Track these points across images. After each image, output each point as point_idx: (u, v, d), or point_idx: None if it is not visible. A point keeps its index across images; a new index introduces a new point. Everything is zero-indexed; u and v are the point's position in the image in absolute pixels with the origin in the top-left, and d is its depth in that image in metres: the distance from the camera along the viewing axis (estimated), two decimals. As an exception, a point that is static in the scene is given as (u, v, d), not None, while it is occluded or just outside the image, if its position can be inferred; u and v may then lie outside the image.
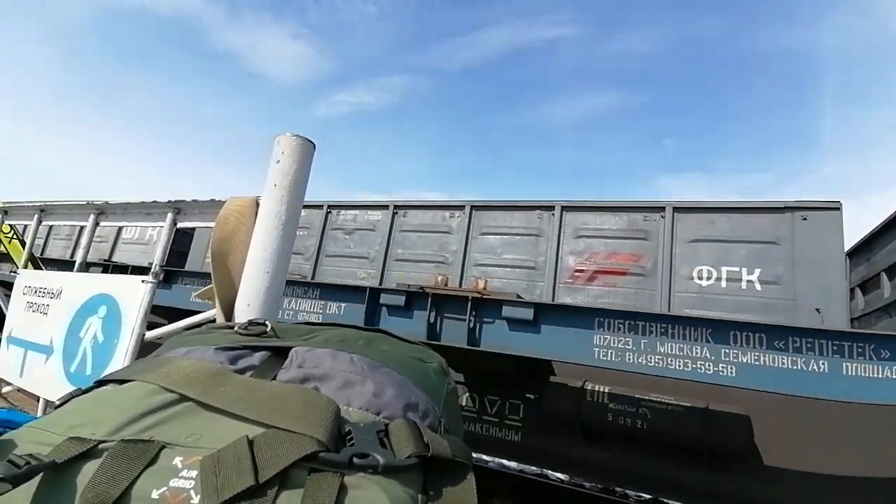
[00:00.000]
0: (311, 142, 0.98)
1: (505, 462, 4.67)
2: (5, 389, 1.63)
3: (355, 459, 0.38)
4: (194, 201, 1.03)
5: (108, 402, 0.49)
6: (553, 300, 3.39)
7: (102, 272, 4.20)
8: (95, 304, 1.07)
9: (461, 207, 4.22)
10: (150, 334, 1.00)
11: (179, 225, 1.09)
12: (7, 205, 1.44)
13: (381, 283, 4.34)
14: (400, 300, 3.04)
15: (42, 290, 1.19)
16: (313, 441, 0.39)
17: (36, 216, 1.31)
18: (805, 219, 2.88)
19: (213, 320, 1.04)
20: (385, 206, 4.62)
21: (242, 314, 0.89)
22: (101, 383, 0.56)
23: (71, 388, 0.58)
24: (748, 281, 2.90)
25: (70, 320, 1.10)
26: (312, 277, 4.61)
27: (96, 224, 1.17)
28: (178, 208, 1.08)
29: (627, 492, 4.31)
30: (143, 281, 1.03)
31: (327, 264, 4.70)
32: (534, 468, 4.47)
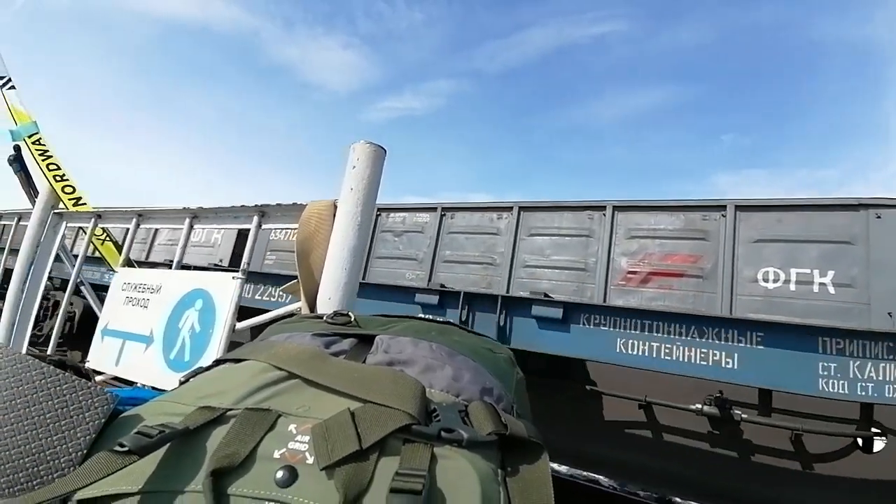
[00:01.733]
0: (383, 148, 1.05)
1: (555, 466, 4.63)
2: (99, 378, 1.81)
3: (443, 433, 0.43)
4: (278, 205, 1.12)
5: (229, 378, 0.56)
6: (604, 302, 3.34)
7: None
8: (192, 298, 1.19)
9: (509, 209, 4.22)
10: (239, 325, 1.10)
11: (264, 227, 1.20)
12: (102, 210, 1.62)
13: (428, 284, 4.42)
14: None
15: (142, 286, 1.33)
16: (406, 415, 0.43)
17: (134, 220, 1.46)
18: (879, 217, 2.69)
19: (297, 312, 1.12)
20: (433, 209, 4.70)
21: (324, 306, 0.97)
22: (218, 362, 0.65)
23: (170, 374, 0.68)
24: (821, 283, 2.73)
25: (170, 313, 1.23)
26: (363, 278, 4.76)
27: (191, 227, 1.31)
28: (263, 211, 1.19)
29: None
30: (233, 277, 1.14)
31: (378, 266, 4.82)
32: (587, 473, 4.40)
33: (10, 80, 2.32)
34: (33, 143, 2.02)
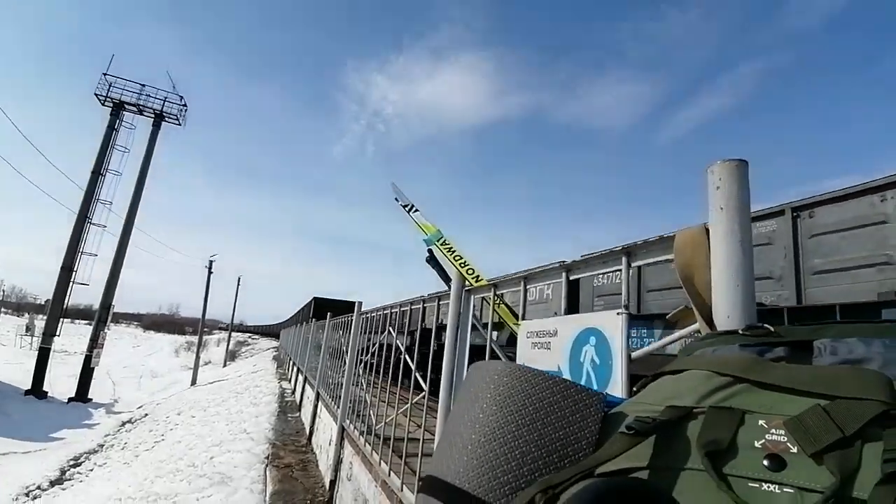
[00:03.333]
0: (743, 161, 1.05)
1: None
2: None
3: None
4: (644, 242, 1.26)
5: (679, 384, 0.67)
6: None
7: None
8: (586, 336, 1.44)
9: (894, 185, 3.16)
10: (635, 354, 1.25)
11: (633, 265, 1.36)
12: (497, 280, 2.14)
13: (800, 303, 3.63)
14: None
15: (542, 332, 1.69)
16: (880, 403, 0.44)
17: (522, 283, 1.89)
18: None
19: (693, 335, 1.18)
20: (779, 213, 3.95)
21: (724, 325, 1.01)
22: (657, 375, 0.78)
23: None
24: None
25: (569, 351, 1.51)
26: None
27: (567, 279, 1.61)
28: (629, 251, 1.35)
29: None
30: (617, 314, 1.32)
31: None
32: None
33: (413, 205, 3.52)
34: (441, 244, 2.97)
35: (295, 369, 13.62)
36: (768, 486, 0.42)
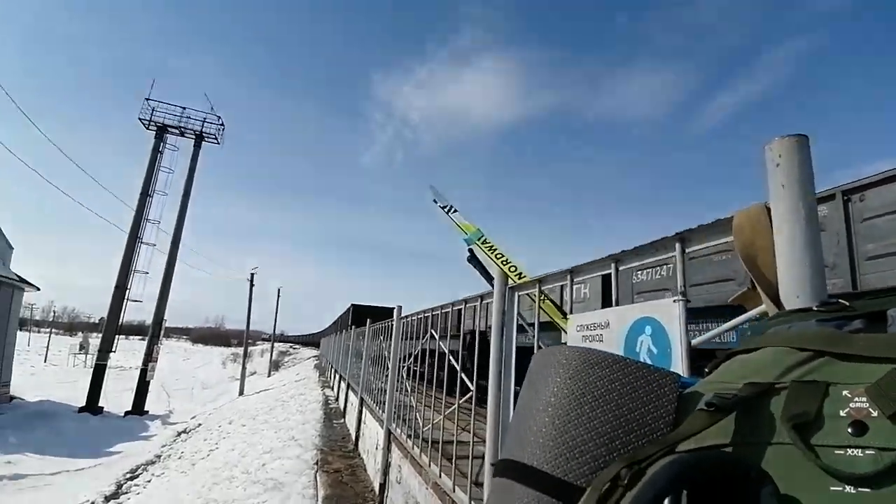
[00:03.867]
0: (803, 135, 1.02)
1: None
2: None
3: None
4: (699, 227, 1.24)
5: (756, 361, 0.66)
6: None
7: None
8: (641, 325, 1.42)
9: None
10: (695, 341, 1.23)
11: (688, 251, 1.33)
12: (542, 276, 2.13)
13: (855, 290, 3.43)
14: None
15: (592, 325, 1.68)
16: None
17: (568, 277, 1.88)
18: None
19: (764, 315, 1.15)
20: (829, 197, 3.76)
21: (793, 304, 0.98)
22: (731, 354, 0.77)
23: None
24: None
25: (623, 341, 1.49)
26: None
27: (616, 270, 1.59)
28: (683, 237, 1.33)
29: None
30: (674, 300, 1.30)
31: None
32: None
33: (452, 206, 3.56)
34: (482, 243, 3.00)
35: (337, 377, 13.91)
36: (852, 451, 0.43)
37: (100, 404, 18.77)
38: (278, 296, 39.74)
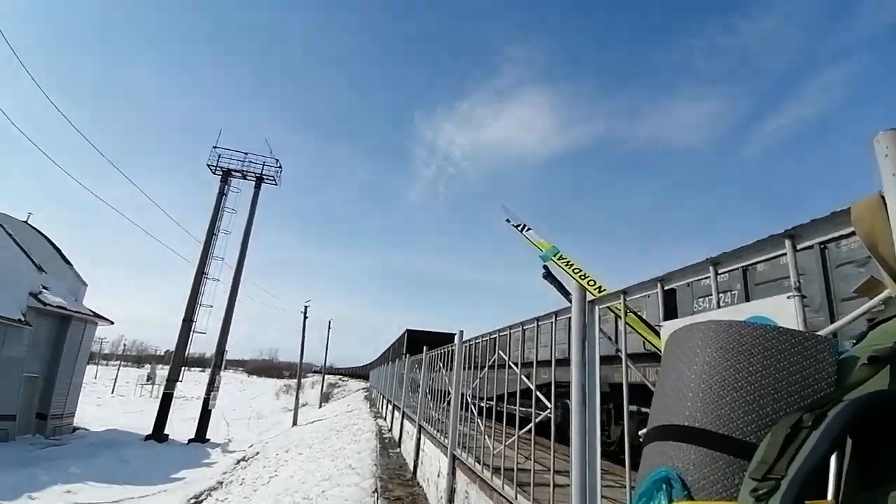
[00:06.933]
0: (920, 123, 1.02)
1: None
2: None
3: None
4: (812, 221, 1.24)
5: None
6: None
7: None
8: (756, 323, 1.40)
9: None
10: (825, 330, 1.20)
11: (798, 247, 1.32)
12: (627, 287, 2.12)
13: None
14: None
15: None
16: None
17: (658, 286, 1.87)
18: None
19: (888, 300, 1.14)
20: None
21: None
22: (875, 324, 0.78)
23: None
24: None
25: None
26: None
27: (716, 274, 1.58)
28: (792, 234, 1.32)
29: None
30: (787, 297, 1.28)
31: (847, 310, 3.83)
32: None
33: (525, 224, 3.63)
34: (557, 259, 3.02)
35: (390, 406, 13.93)
36: None
37: (165, 432, 19.67)
38: (329, 328, 40.70)
